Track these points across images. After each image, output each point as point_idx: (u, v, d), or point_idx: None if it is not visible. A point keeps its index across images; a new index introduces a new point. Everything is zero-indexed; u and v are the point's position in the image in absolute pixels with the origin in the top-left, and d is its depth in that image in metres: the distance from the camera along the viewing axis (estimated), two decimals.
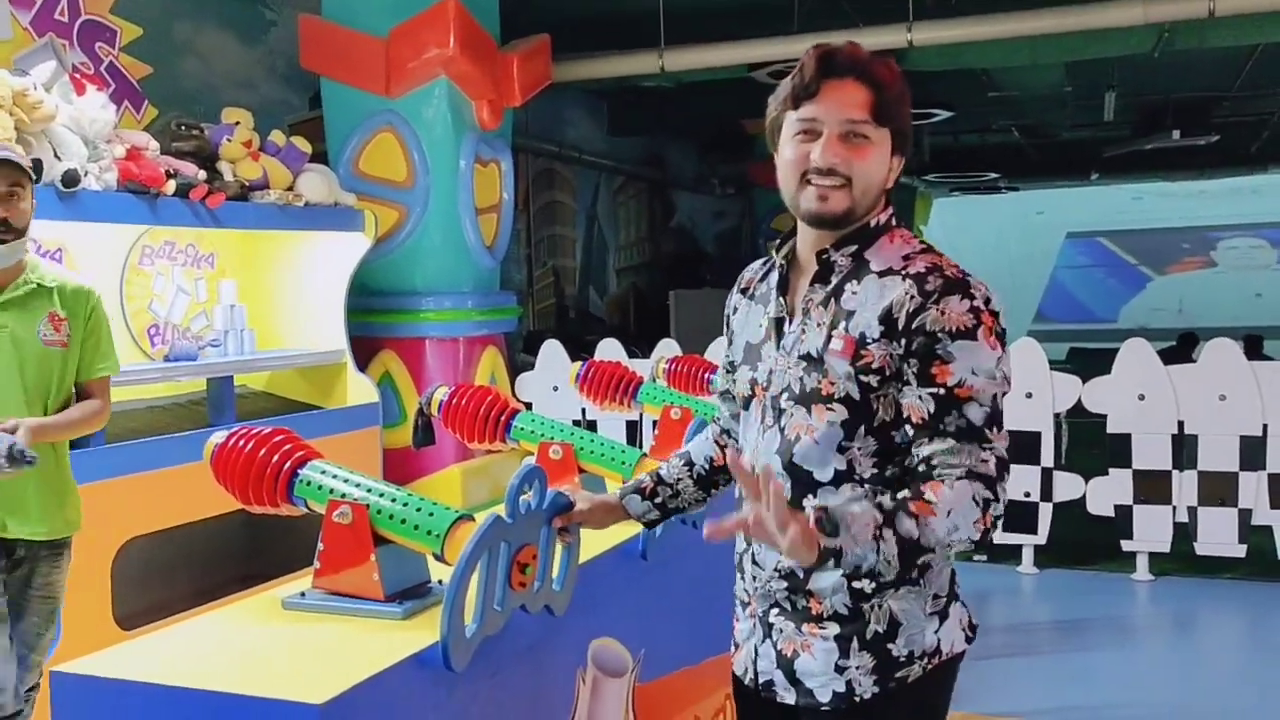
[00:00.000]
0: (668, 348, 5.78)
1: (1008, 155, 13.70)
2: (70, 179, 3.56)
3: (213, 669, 1.66)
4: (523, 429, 2.78)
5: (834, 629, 1.68)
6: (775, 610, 1.73)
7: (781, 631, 1.73)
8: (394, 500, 1.91)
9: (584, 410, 5.77)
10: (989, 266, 17.98)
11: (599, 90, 9.65)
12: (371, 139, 5.56)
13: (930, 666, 1.68)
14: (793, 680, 1.71)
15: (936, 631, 1.68)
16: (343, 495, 1.92)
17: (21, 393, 2.82)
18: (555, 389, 6.00)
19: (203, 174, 4.23)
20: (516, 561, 1.84)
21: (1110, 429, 5.43)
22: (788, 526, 1.45)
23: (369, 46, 5.45)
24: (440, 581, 2.01)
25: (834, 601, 1.67)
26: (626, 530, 2.25)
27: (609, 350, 6.02)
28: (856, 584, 1.66)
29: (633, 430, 5.95)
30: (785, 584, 1.71)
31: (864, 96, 1.64)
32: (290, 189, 4.66)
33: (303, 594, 1.96)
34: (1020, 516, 5.39)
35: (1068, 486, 5.49)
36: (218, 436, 2.02)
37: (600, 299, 11.06)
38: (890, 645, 1.66)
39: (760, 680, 1.76)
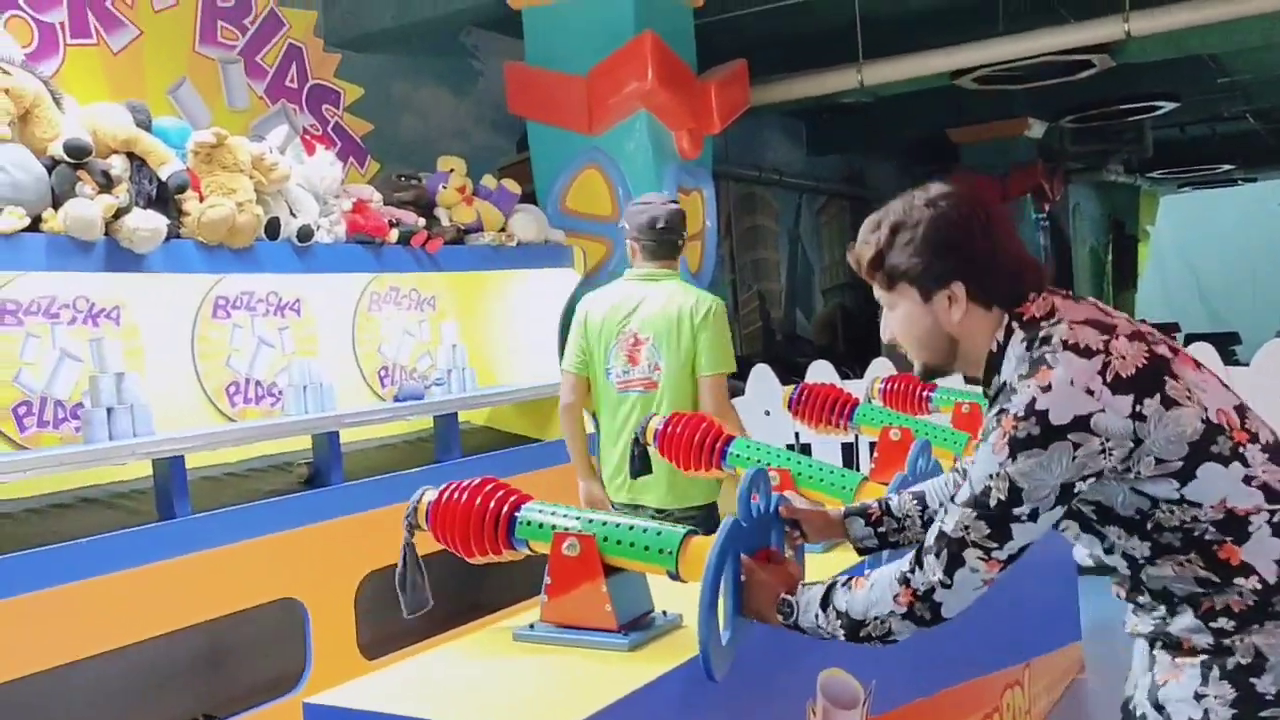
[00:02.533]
0: (881, 367, 5.63)
1: (1241, 144, 12.75)
2: (305, 234, 3.80)
3: (453, 700, 1.70)
4: (739, 455, 2.76)
5: (1201, 658, 1.57)
6: (1158, 642, 1.64)
7: (1158, 661, 1.64)
8: (619, 526, 1.92)
9: (797, 434, 5.69)
10: (1227, 265, 16.79)
11: (797, 110, 9.59)
12: (577, 176, 5.70)
13: None
14: (1157, 707, 1.61)
15: None
16: (567, 529, 1.95)
17: None
18: (767, 414, 5.95)
19: (422, 221, 4.43)
20: None
21: None
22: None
23: (571, 87, 5.60)
24: (664, 612, 2.01)
25: (1198, 640, 1.57)
26: (850, 559, 2.19)
27: (820, 372, 5.92)
28: (1214, 624, 1.55)
29: (848, 453, 5.82)
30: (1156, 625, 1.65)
31: (866, 271, 1.74)
32: (503, 230, 4.83)
33: (531, 626, 1.99)
34: None
35: None
36: (429, 494, 2.08)
37: (807, 320, 10.95)
38: (1255, 680, 1.52)
39: (1136, 712, 1.68)
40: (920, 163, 11.88)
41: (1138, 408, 1.50)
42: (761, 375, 6.18)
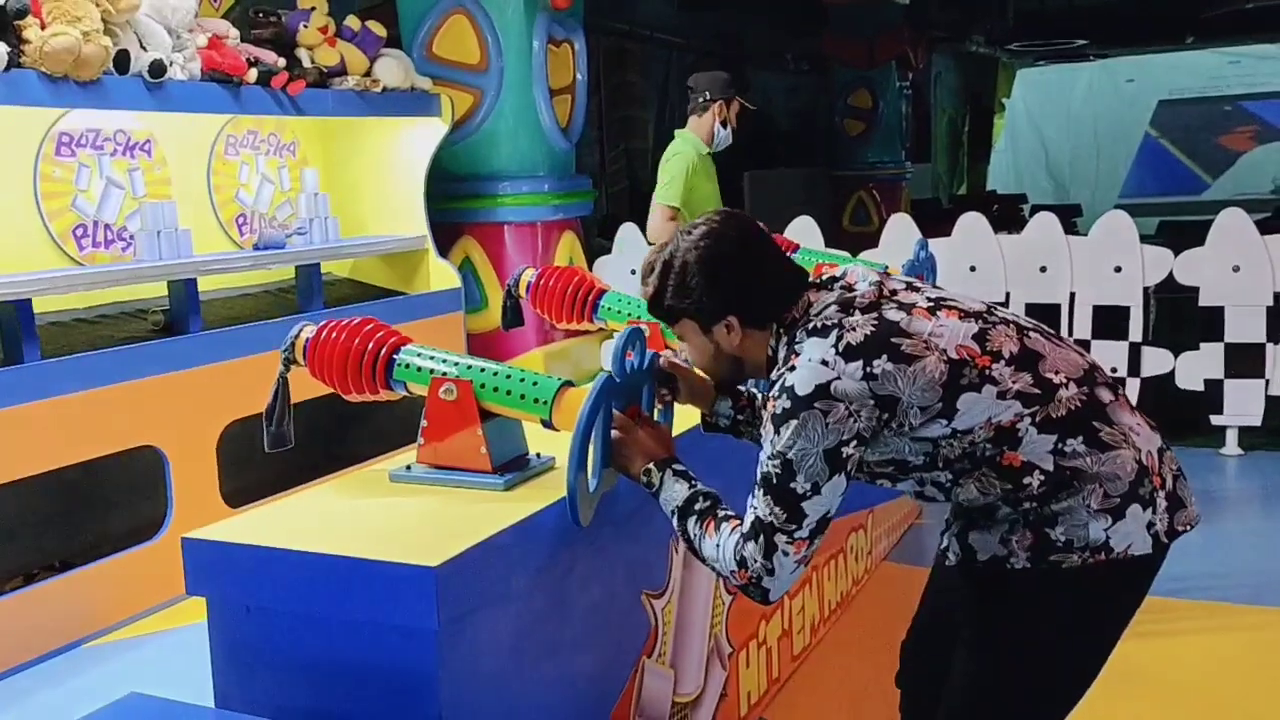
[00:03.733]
0: None
1: (1098, 19, 13.09)
2: (157, 69, 3.61)
3: (332, 535, 1.74)
4: (610, 308, 2.81)
5: (1010, 519, 1.77)
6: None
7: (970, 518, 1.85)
8: (496, 374, 1.96)
9: None
10: (1074, 138, 17.40)
11: None
12: (444, 22, 5.50)
13: (1093, 560, 1.72)
14: (965, 548, 1.83)
15: (1107, 529, 1.72)
16: (444, 374, 1.98)
17: None
18: (633, 272, 6.00)
19: (282, 61, 4.25)
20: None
21: (1202, 302, 5.31)
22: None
23: None
24: (538, 454, 2.08)
25: (1005, 511, 1.78)
26: None
27: None
28: (1020, 508, 1.75)
29: None
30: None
31: (650, 310, 1.93)
32: (367, 75, 4.67)
33: (408, 467, 2.03)
34: None
35: (1156, 362, 5.40)
36: (307, 330, 2.07)
37: None
38: (1048, 530, 1.73)
39: (947, 553, 1.89)
40: (790, 23, 11.83)
41: (868, 369, 1.69)
42: (629, 235, 6.21)
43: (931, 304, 1.80)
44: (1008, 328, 1.79)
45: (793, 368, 1.72)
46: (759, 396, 2.12)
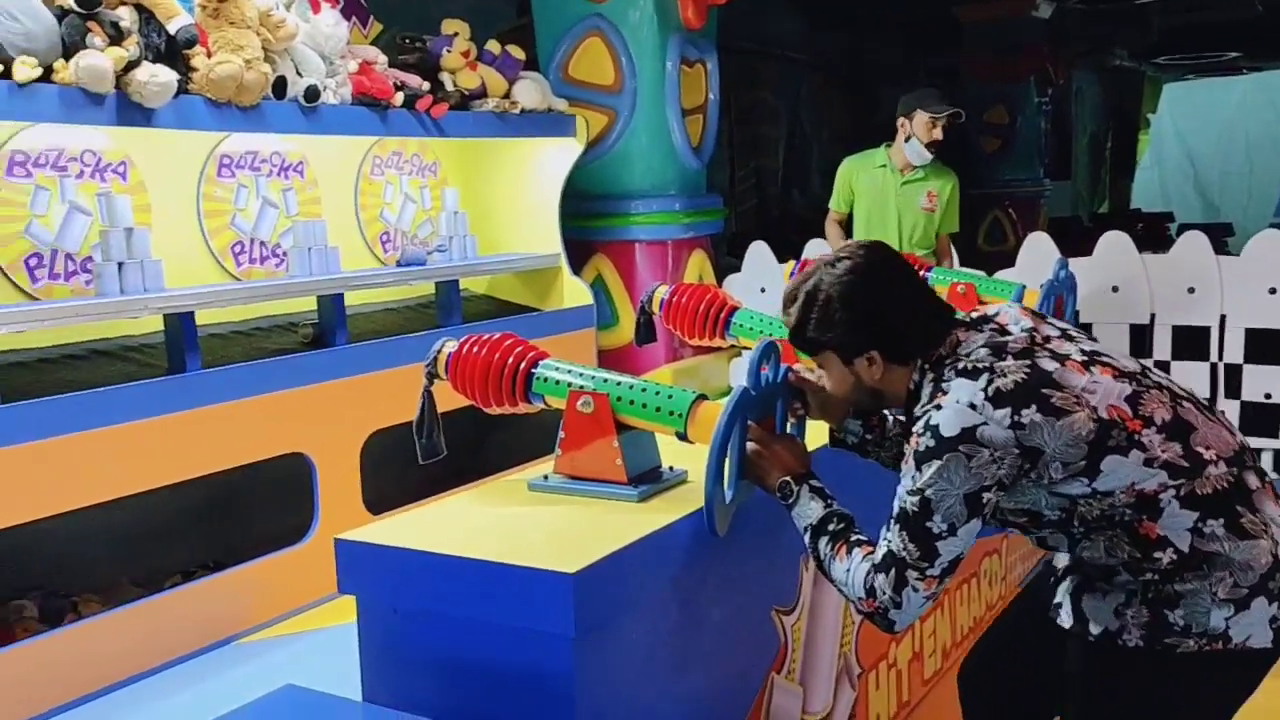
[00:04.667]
0: None
1: (1249, 32, 12.54)
2: (312, 94, 3.79)
3: (474, 540, 1.81)
4: (741, 325, 2.84)
5: (1128, 587, 1.75)
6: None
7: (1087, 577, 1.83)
8: (632, 387, 2.01)
9: None
10: (1225, 155, 16.66)
11: None
12: (580, 44, 5.63)
13: (1209, 649, 1.69)
14: (1078, 611, 1.81)
15: (1228, 618, 1.69)
16: (582, 387, 2.04)
17: None
18: (763, 290, 6.01)
19: (426, 85, 4.41)
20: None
21: None
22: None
23: None
24: (671, 467, 2.12)
25: (1125, 578, 1.76)
26: None
27: (817, 250, 5.96)
28: (1142, 577, 1.73)
29: None
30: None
31: (791, 340, 1.95)
32: (506, 96, 4.80)
33: (545, 477, 2.09)
34: (1261, 420, 5.09)
35: None
36: (449, 345, 2.15)
37: (803, 199, 10.92)
38: (1167, 611, 1.71)
39: (1060, 608, 1.87)
40: (923, 41, 11.68)
41: (1016, 417, 1.67)
42: (758, 252, 6.22)
43: (1086, 358, 1.77)
44: (1161, 393, 1.76)
45: (939, 407, 1.71)
46: (890, 418, 2.12)
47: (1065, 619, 1.83)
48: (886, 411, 2.11)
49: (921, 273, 3.89)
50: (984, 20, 10.56)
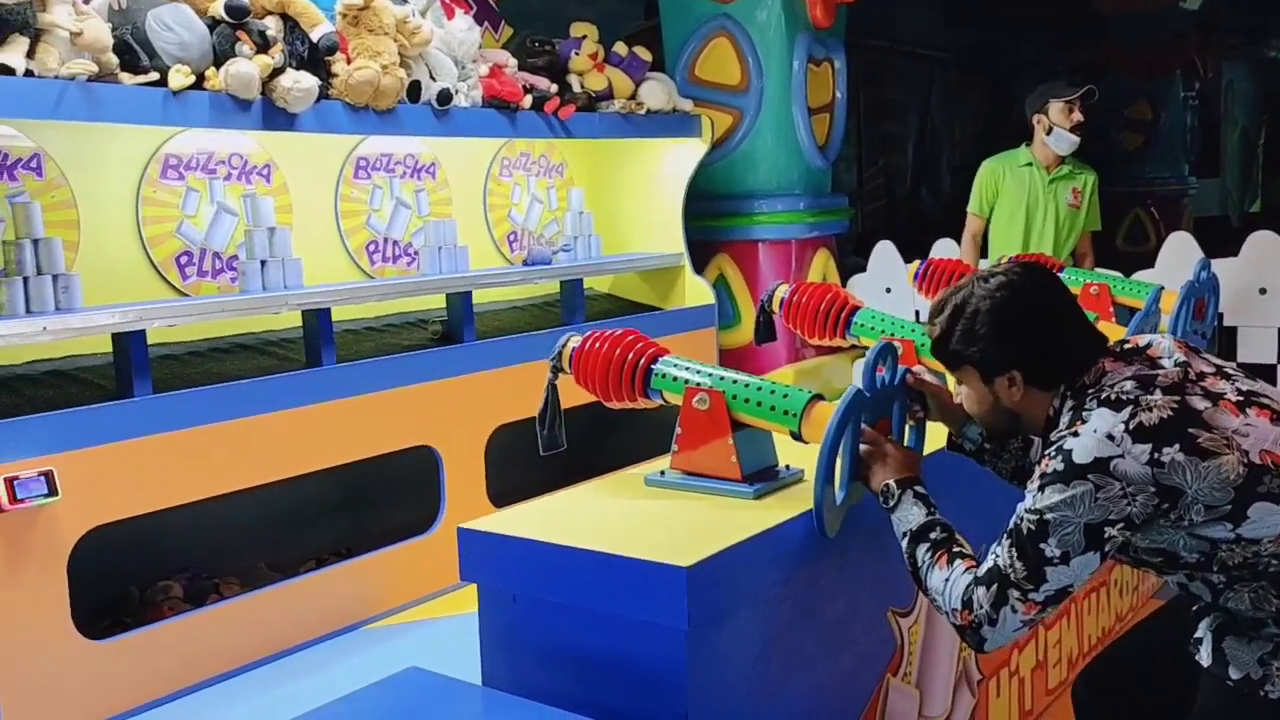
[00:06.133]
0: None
1: None
2: (444, 97, 3.91)
3: (591, 532, 1.85)
4: (863, 325, 2.81)
5: (1275, 639, 1.70)
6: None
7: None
8: (748, 386, 2.02)
9: (918, 313, 5.67)
10: None
11: None
12: (706, 45, 5.64)
13: None
14: (1219, 652, 1.75)
15: None
16: (699, 384, 2.06)
17: None
18: (888, 290, 5.93)
19: (554, 87, 4.49)
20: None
21: None
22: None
23: None
24: (787, 466, 2.12)
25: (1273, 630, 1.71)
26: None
27: (945, 251, 5.85)
28: None
29: None
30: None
31: (933, 351, 1.91)
32: (632, 98, 4.86)
33: (662, 473, 2.12)
34: None
35: None
36: (574, 340, 2.20)
37: (933, 198, 10.71)
38: None
39: (1200, 645, 1.81)
40: (1062, 34, 11.31)
41: (1155, 455, 1.60)
42: (884, 252, 6.14)
43: (1242, 398, 1.70)
44: None
45: (1076, 433, 1.66)
46: None
47: (1205, 657, 1.76)
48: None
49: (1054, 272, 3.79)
50: (1128, 12, 10.18)
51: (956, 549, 1.78)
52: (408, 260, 4.52)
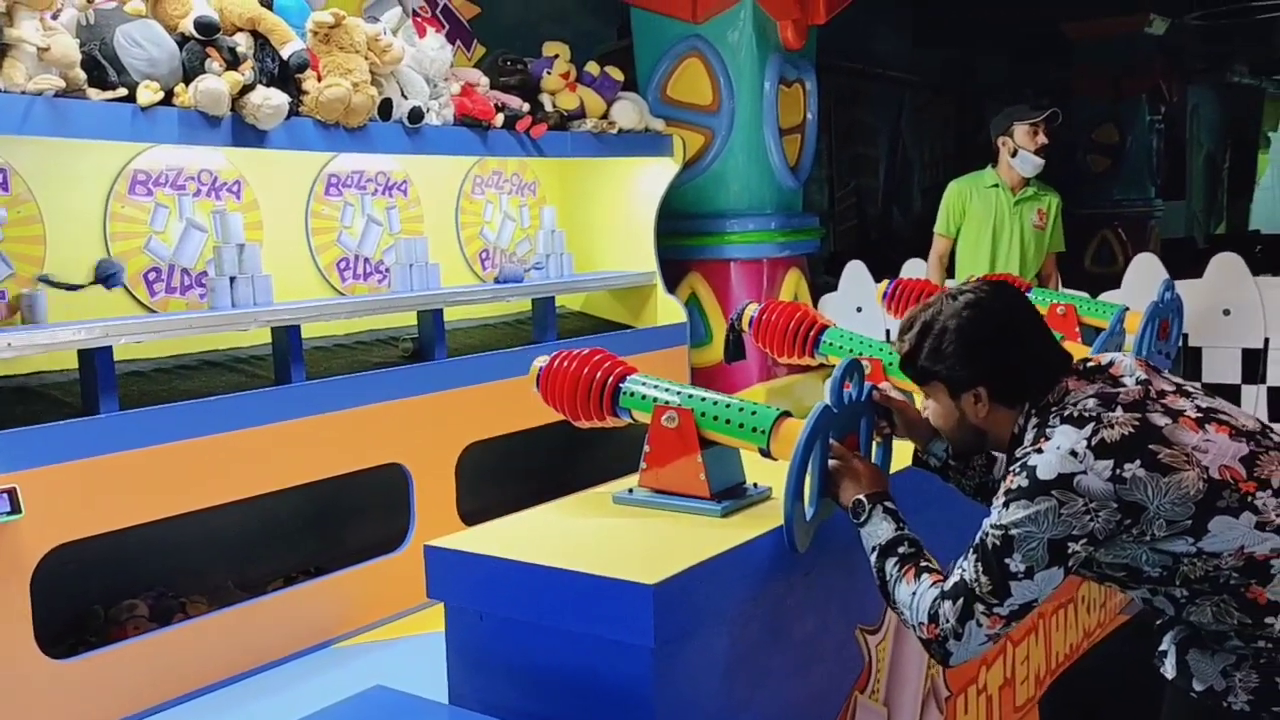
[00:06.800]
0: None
1: None
2: (416, 115, 3.91)
3: (557, 550, 1.85)
4: (831, 344, 2.83)
5: (1239, 651, 1.72)
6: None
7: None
8: (717, 403, 2.03)
9: (888, 332, 5.71)
10: None
11: None
12: (679, 65, 5.68)
13: None
14: (1183, 665, 1.77)
15: None
16: (667, 402, 2.06)
17: None
18: (859, 310, 5.97)
19: (526, 106, 4.50)
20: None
21: None
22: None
23: None
24: (755, 484, 2.13)
25: (1235, 643, 1.73)
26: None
27: (914, 271, 5.90)
28: (1254, 645, 1.70)
29: None
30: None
31: (900, 367, 1.94)
32: (604, 117, 4.88)
33: (630, 491, 2.12)
34: None
35: None
36: (541, 360, 2.20)
37: (904, 219, 10.80)
38: (1278, 679, 1.68)
39: (1166, 658, 1.83)
40: (1030, 58, 11.45)
41: (1117, 471, 1.63)
42: (855, 272, 6.19)
43: (1201, 414, 1.72)
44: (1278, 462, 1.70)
45: (1040, 450, 1.69)
46: None
47: (1169, 670, 1.78)
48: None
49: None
50: (1094, 37, 10.33)
51: (924, 564, 1.80)
52: (379, 277, 4.51)
